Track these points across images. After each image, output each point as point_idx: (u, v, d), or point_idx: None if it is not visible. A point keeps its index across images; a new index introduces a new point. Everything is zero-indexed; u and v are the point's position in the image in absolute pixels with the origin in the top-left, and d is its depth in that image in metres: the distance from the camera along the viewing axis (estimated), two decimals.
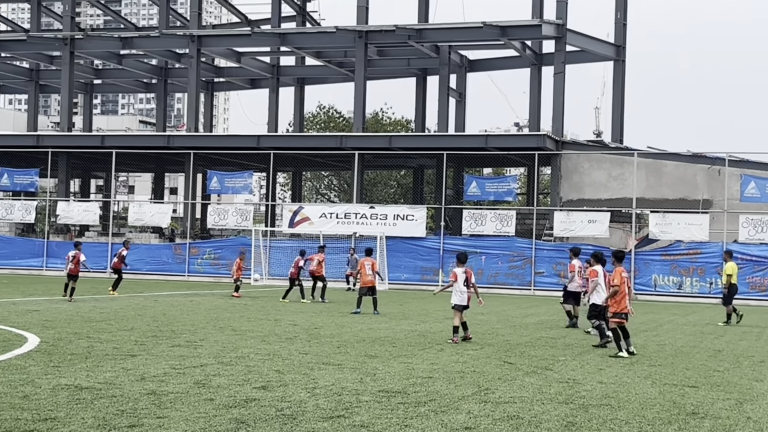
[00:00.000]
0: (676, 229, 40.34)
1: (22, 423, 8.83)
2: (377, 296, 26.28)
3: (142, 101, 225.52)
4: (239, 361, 14.01)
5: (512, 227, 42.78)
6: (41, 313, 22.08)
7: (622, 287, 16.58)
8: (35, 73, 64.57)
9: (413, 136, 56.11)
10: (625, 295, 16.58)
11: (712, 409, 10.99)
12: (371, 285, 26.20)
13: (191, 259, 46.75)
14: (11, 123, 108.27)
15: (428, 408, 10.40)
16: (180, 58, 59.18)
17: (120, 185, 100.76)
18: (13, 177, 51.75)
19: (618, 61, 52.05)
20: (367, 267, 26.40)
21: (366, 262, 26.58)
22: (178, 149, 51.42)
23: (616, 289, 16.61)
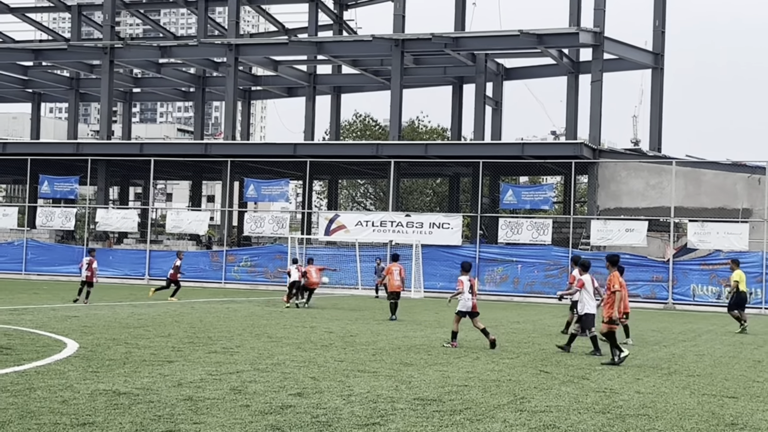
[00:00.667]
0: (715, 238, 39.91)
1: (60, 427, 8.93)
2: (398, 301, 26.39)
3: (180, 110, 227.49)
4: (275, 367, 14.06)
5: (548, 236, 42.57)
6: (80, 319, 22.32)
7: (623, 291, 16.63)
8: (75, 82, 65.40)
9: (449, 144, 56.09)
10: (622, 300, 16.69)
11: (751, 420, 10.85)
12: (399, 290, 26.29)
13: (228, 266, 47.03)
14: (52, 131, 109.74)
15: (463, 416, 10.37)
16: (218, 66, 59.67)
17: (158, 193, 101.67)
18: (53, 184, 52.42)
19: (656, 69, 51.65)
20: (395, 273, 26.46)
21: (394, 268, 26.63)
22: (216, 157, 51.82)
23: (619, 294, 16.46)
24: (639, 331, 24.81)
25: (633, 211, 43.89)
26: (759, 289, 38.82)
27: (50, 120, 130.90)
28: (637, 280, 40.86)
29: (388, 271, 27.04)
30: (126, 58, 56.59)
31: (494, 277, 42.40)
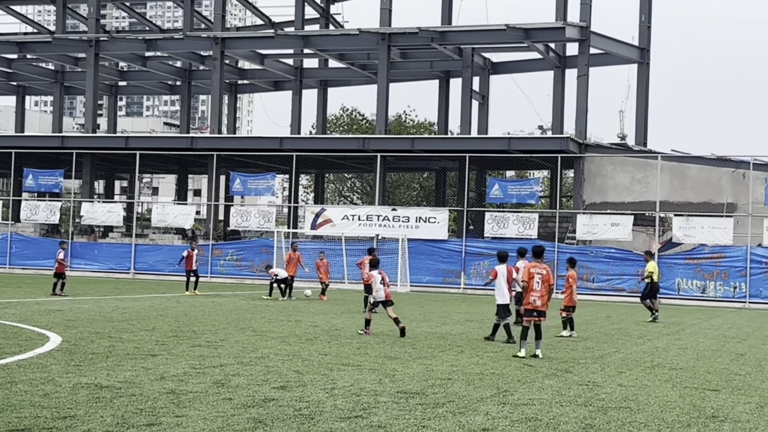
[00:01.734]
0: (700, 232, 40.09)
1: (41, 421, 8.90)
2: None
3: (167, 103, 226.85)
4: (259, 361, 14.05)
5: (535, 230, 42.65)
6: (64, 312, 22.25)
7: (530, 283, 16.00)
8: (60, 75, 65.07)
9: (436, 139, 56.09)
10: (530, 291, 15.96)
11: (732, 412, 10.90)
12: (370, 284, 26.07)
13: (214, 260, 46.95)
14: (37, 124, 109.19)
15: (446, 409, 10.38)
16: (204, 60, 59.48)
17: (144, 187, 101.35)
18: (38, 178, 52.19)
19: (642, 64, 51.77)
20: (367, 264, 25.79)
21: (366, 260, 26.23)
22: (202, 151, 51.69)
23: (524, 285, 16.20)
24: (623, 325, 24.92)
25: (618, 205, 44.02)
26: (743, 284, 39.01)
27: (35, 113, 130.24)
28: (622, 274, 41.04)
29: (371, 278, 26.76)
30: (111, 51, 56.36)
31: (480, 271, 42.43)
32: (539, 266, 16.18)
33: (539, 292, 15.98)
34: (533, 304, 15.96)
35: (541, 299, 15.99)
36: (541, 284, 16.02)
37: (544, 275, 16.08)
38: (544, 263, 16.50)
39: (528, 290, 16.06)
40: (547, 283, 16.07)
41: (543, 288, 16.01)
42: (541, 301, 15.99)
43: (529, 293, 16.04)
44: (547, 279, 16.08)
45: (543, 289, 16.01)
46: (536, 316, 16.00)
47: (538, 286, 16.01)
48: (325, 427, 9.09)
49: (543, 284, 16.03)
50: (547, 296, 16.12)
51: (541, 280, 16.02)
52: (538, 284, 16.02)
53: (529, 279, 16.06)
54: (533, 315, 16.00)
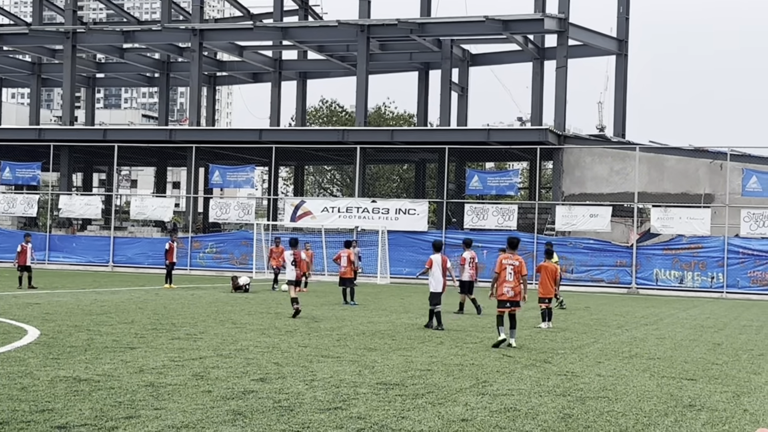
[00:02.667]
0: (678, 223, 40.36)
1: (19, 414, 8.86)
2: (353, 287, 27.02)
3: (145, 95, 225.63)
4: (238, 353, 14.04)
5: (514, 221, 42.78)
6: (42, 306, 22.13)
7: (502, 274, 16.07)
8: (37, 67, 64.53)
9: (415, 131, 56.08)
10: (503, 282, 16.03)
11: (709, 401, 11.00)
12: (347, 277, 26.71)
13: (193, 252, 46.81)
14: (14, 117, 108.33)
15: (425, 400, 10.42)
16: (182, 51, 59.17)
17: (122, 179, 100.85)
18: (15, 171, 51.84)
19: (620, 56, 51.96)
20: (343, 258, 26.70)
21: (343, 254, 26.87)
22: (180, 143, 51.46)
23: (496, 275, 16.27)
24: (602, 315, 25.07)
25: (597, 196, 44.21)
26: (720, 274, 39.30)
27: (12, 105, 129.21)
28: (601, 265, 41.24)
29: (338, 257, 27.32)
30: (89, 43, 55.95)
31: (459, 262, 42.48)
32: (512, 257, 16.25)
33: (512, 283, 16.05)
34: (506, 294, 16.05)
35: (514, 290, 16.07)
36: (513, 275, 16.06)
37: (516, 266, 16.13)
38: (518, 254, 16.55)
39: (500, 281, 16.13)
40: (519, 274, 16.11)
41: (515, 279, 16.06)
42: (514, 292, 16.07)
43: (501, 284, 16.12)
44: (519, 270, 16.13)
45: (515, 280, 16.06)
46: (509, 306, 16.07)
47: (511, 277, 16.07)
48: (305, 419, 9.10)
49: (515, 275, 16.07)
50: (521, 286, 16.17)
51: (513, 270, 16.09)
52: (510, 275, 16.08)
53: (501, 270, 16.15)
54: (506, 306, 16.09)
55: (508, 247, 16.56)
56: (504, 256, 16.33)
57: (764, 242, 39.42)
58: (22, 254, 29.78)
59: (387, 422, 9.09)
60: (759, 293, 38.56)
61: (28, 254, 29.86)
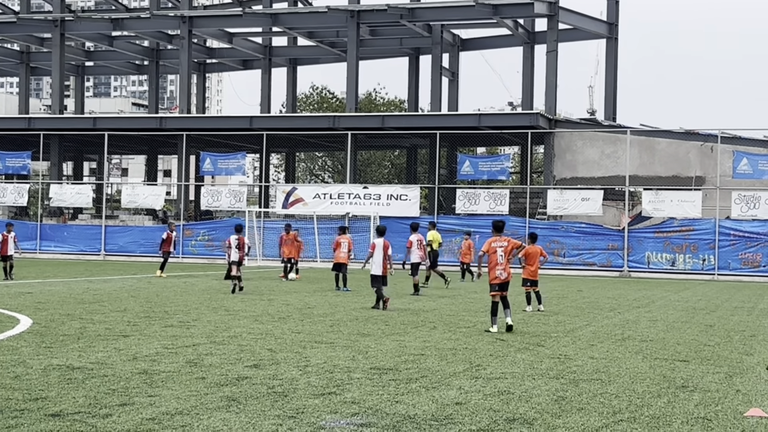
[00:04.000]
0: (669, 206, 40.44)
1: (12, 403, 8.84)
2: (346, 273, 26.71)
3: (135, 83, 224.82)
4: (231, 340, 14.03)
5: (506, 206, 42.82)
6: (34, 295, 22.08)
7: (492, 257, 16.02)
8: (26, 56, 64.25)
9: (406, 116, 56.03)
10: (495, 265, 15.98)
11: (701, 382, 11.04)
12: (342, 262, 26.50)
13: (185, 240, 46.73)
14: (3, 106, 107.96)
15: (419, 384, 10.43)
16: (172, 39, 58.94)
17: (113, 168, 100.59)
18: (5, 160, 51.66)
19: (611, 39, 51.97)
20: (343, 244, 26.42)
21: (342, 240, 26.60)
22: (171, 131, 51.33)
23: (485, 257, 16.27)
24: (594, 299, 25.13)
25: (589, 180, 44.26)
26: (712, 256, 39.43)
27: (1, 95, 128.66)
28: (593, 248, 41.32)
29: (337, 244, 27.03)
30: (77, 31, 55.69)
31: (452, 247, 42.55)
32: (500, 239, 16.24)
33: (503, 265, 16.03)
34: (499, 277, 15.99)
35: (506, 270, 16.05)
36: (504, 257, 16.06)
37: (505, 247, 16.13)
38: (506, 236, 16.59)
39: (492, 265, 16.09)
40: (509, 255, 16.13)
41: (505, 260, 16.07)
42: (506, 273, 16.05)
43: (493, 268, 16.05)
44: (509, 250, 16.15)
45: (506, 262, 16.08)
46: (499, 290, 16.02)
47: (501, 259, 16.03)
48: (299, 404, 9.10)
49: (505, 256, 16.08)
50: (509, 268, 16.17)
51: (503, 252, 16.07)
52: (501, 257, 16.04)
53: (492, 253, 16.10)
54: (496, 289, 16.01)
55: (494, 230, 16.54)
56: (492, 239, 16.26)
57: (755, 224, 39.53)
58: (3, 244, 28.68)
59: (381, 406, 9.10)
60: (750, 275, 38.70)
61: (9, 244, 28.74)
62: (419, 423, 8.40)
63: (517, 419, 8.67)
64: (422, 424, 8.37)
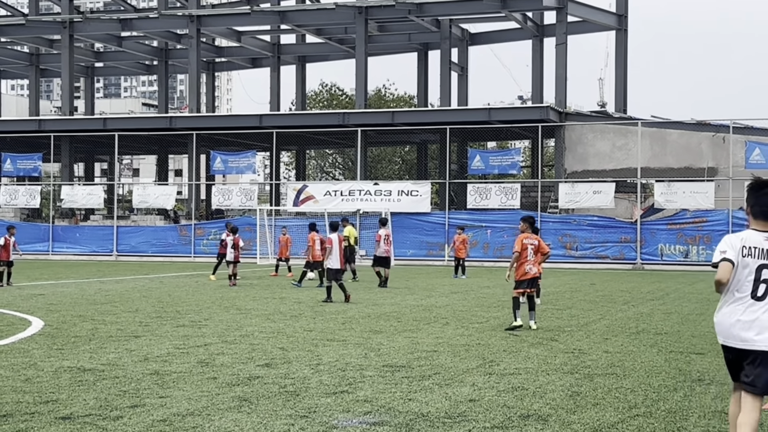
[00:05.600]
0: (682, 197, 40.21)
1: (23, 406, 8.80)
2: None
3: (145, 84, 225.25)
4: (243, 339, 13.97)
5: (517, 200, 42.67)
6: (46, 297, 22.08)
7: (524, 254, 15.96)
8: (35, 58, 64.36)
9: (416, 112, 55.89)
10: (524, 261, 15.94)
11: (718, 375, 10.91)
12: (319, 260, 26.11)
13: (197, 240, 46.75)
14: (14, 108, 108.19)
15: (432, 381, 10.35)
16: (180, 38, 58.95)
17: (124, 168, 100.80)
18: (16, 162, 51.75)
19: (620, 31, 51.70)
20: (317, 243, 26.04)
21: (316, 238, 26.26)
22: (181, 130, 51.35)
23: (517, 255, 16.09)
24: (607, 292, 24.99)
25: (600, 173, 44.07)
26: None
27: (12, 97, 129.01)
28: (605, 241, 41.13)
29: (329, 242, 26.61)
30: (86, 32, 55.75)
31: None
32: (531, 237, 16.22)
33: (533, 261, 16.04)
34: (529, 273, 15.94)
35: (537, 266, 16.10)
36: (534, 254, 16.07)
37: (536, 245, 16.14)
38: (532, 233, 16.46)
39: (521, 261, 16.04)
40: (539, 254, 16.17)
41: (536, 257, 16.10)
42: (537, 269, 16.10)
43: (523, 264, 16.02)
44: (540, 249, 16.22)
45: (536, 258, 16.08)
46: (527, 286, 15.94)
47: (532, 256, 16.03)
48: (311, 403, 9.03)
49: (536, 254, 16.10)
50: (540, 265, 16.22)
51: (533, 250, 16.08)
52: (531, 254, 16.05)
53: (523, 249, 16.08)
54: (525, 286, 15.94)
55: (529, 227, 16.43)
56: (524, 236, 16.21)
57: None
58: (5, 248, 26.80)
59: (394, 404, 9.02)
60: None
61: (10, 248, 26.99)
62: (432, 421, 8.31)
63: (531, 415, 8.58)
64: (435, 421, 8.29)
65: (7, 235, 27.60)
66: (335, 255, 21.08)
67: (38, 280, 29.00)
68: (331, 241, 21.20)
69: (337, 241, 21.27)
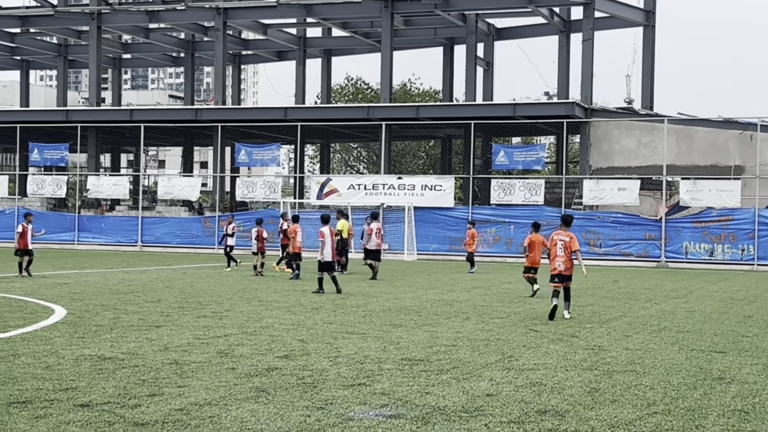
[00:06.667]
0: (708, 195, 39.89)
1: (43, 393, 8.87)
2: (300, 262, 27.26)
3: (172, 76, 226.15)
4: (263, 330, 14.02)
5: (541, 196, 42.50)
6: (70, 286, 22.25)
7: (553, 249, 16.58)
8: (64, 49, 64.81)
9: (440, 106, 55.74)
10: (554, 257, 16.51)
11: (739, 374, 10.83)
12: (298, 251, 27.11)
13: (220, 231, 46.87)
14: (42, 99, 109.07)
15: (450, 375, 10.33)
16: (207, 31, 59.15)
17: (150, 159, 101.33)
18: (43, 152, 52.13)
19: (648, 27, 51.32)
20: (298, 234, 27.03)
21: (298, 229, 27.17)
22: (206, 122, 51.53)
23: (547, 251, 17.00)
24: (630, 289, 24.85)
25: (625, 170, 43.79)
26: (751, 246, 38.84)
27: (41, 88, 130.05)
28: (629, 238, 40.88)
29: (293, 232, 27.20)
30: (114, 24, 56.04)
31: (487, 238, 42.36)
32: (563, 233, 16.62)
33: (562, 257, 16.42)
34: (557, 269, 16.44)
35: (565, 264, 16.44)
36: (563, 250, 16.42)
37: (566, 242, 16.50)
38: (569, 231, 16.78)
39: (552, 256, 16.60)
40: (569, 250, 16.46)
41: (565, 254, 16.43)
42: (565, 266, 16.44)
43: (553, 259, 16.55)
44: (570, 245, 16.48)
45: (565, 255, 16.43)
46: (558, 281, 16.44)
47: (561, 252, 16.44)
48: (328, 395, 9.05)
49: (565, 250, 16.43)
50: (570, 261, 16.52)
51: (563, 246, 16.45)
52: (561, 250, 16.44)
53: (552, 245, 16.63)
54: (555, 281, 16.46)
55: (563, 224, 16.89)
56: (555, 233, 16.79)
57: None
58: (22, 237, 25.84)
59: (411, 398, 9.01)
60: None
61: (29, 236, 25.96)
62: (449, 414, 8.30)
63: (548, 411, 8.55)
64: (452, 415, 8.28)
65: (24, 222, 26.66)
66: (328, 248, 21.43)
67: (63, 269, 29.22)
68: (323, 234, 21.49)
69: (329, 234, 21.57)
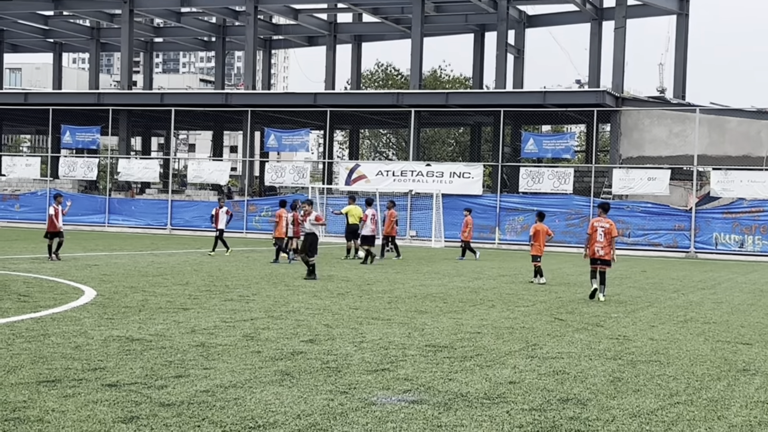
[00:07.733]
0: (739, 186, 39.57)
1: (71, 372, 9.02)
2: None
3: (203, 60, 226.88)
4: (289, 315, 14.13)
5: (570, 185, 42.34)
6: (100, 267, 22.51)
7: (593, 235, 17.99)
8: (96, 32, 65.27)
9: (470, 93, 55.63)
10: (594, 242, 17.93)
11: (764, 366, 10.79)
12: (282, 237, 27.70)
13: (249, 216, 47.17)
14: (75, 81, 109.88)
15: (474, 362, 10.38)
16: (238, 15, 59.32)
17: (180, 143, 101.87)
18: (75, 135, 52.61)
19: (681, 15, 50.84)
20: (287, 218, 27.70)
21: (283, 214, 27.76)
22: (236, 107, 51.74)
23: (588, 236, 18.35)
24: (658, 279, 24.75)
25: (656, 159, 43.51)
26: None
27: (73, 70, 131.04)
28: (659, 228, 40.66)
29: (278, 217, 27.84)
30: (146, 7, 56.35)
31: (515, 226, 42.30)
32: (603, 220, 18.10)
33: (602, 242, 17.90)
34: (597, 253, 17.89)
35: (604, 249, 17.90)
36: (603, 236, 17.90)
37: (606, 228, 17.99)
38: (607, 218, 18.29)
39: (591, 241, 18.02)
40: (609, 235, 17.91)
41: (606, 239, 17.88)
42: (604, 251, 17.89)
43: (593, 244, 17.97)
44: (610, 231, 17.96)
45: (605, 241, 17.88)
46: (599, 264, 17.88)
47: (601, 237, 17.91)
48: (352, 380, 9.13)
49: (605, 236, 17.90)
50: (609, 247, 17.92)
51: (604, 232, 17.94)
52: (601, 236, 17.92)
53: (593, 231, 18.07)
54: (597, 263, 17.89)
55: (600, 210, 18.49)
56: (595, 219, 18.49)
57: None
58: (54, 218, 25.35)
59: (434, 384, 9.07)
60: None
61: (59, 218, 25.43)
62: (471, 401, 8.36)
63: (570, 399, 8.58)
64: (474, 402, 8.33)
65: (54, 203, 25.86)
66: (368, 226, 26.60)
67: (93, 251, 29.54)
68: (366, 216, 26.33)
69: (371, 215, 25.78)
